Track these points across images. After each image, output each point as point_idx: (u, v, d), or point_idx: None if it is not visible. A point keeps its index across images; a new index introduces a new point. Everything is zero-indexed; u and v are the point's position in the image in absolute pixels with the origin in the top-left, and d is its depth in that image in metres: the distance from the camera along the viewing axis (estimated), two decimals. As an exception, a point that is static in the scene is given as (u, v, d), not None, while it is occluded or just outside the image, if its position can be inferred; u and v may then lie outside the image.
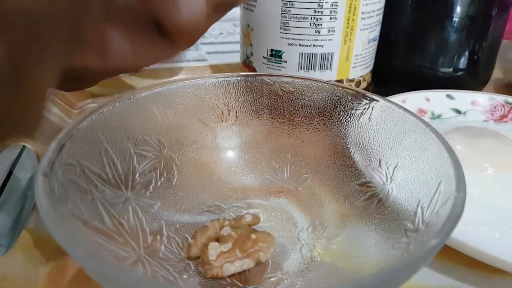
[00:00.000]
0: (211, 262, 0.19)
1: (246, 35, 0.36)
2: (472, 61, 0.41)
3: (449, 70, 0.41)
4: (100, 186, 0.20)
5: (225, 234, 0.21)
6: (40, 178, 0.16)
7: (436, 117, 0.37)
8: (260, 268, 0.20)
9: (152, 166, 0.24)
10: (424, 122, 0.21)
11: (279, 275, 0.20)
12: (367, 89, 0.39)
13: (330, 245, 0.22)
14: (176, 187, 0.25)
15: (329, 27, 0.33)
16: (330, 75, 0.35)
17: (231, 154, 0.27)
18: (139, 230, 0.21)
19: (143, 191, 0.23)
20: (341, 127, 0.25)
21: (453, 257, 0.23)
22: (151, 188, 0.23)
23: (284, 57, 0.34)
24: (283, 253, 0.21)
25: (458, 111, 0.37)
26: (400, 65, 0.42)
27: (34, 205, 0.25)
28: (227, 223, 0.22)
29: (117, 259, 0.17)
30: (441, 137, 0.19)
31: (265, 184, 0.26)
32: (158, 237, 0.21)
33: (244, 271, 0.20)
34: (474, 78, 0.42)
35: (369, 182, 0.23)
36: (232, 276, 0.20)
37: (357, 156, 0.24)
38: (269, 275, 0.20)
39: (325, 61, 0.34)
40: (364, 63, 0.36)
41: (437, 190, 0.18)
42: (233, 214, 0.24)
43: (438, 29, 0.39)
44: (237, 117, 0.27)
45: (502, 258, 0.20)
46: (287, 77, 0.26)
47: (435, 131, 0.20)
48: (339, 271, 0.20)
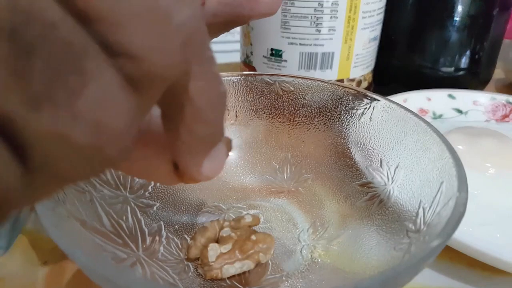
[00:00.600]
0: (211, 264, 0.19)
1: (246, 34, 0.36)
2: (473, 61, 0.41)
3: (450, 69, 0.41)
4: (99, 187, 0.20)
5: (224, 235, 0.21)
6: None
7: (438, 117, 0.37)
8: (260, 269, 0.20)
9: None
10: (425, 121, 0.20)
11: (279, 277, 0.20)
12: (368, 88, 0.38)
13: (331, 246, 0.21)
14: (176, 187, 0.24)
15: (329, 26, 0.32)
16: (331, 74, 0.34)
17: (231, 154, 0.27)
18: (138, 231, 0.21)
19: (141, 191, 0.23)
20: (342, 127, 0.25)
21: (453, 257, 0.22)
22: (150, 188, 0.23)
23: (284, 56, 0.34)
24: (284, 254, 0.21)
25: (459, 111, 0.37)
26: (401, 65, 0.42)
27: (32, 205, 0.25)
28: (227, 224, 0.22)
29: (116, 260, 0.17)
30: (442, 137, 0.19)
31: (265, 185, 0.26)
32: (157, 238, 0.21)
33: (244, 273, 0.20)
34: (475, 78, 0.42)
35: (370, 183, 0.23)
36: (232, 277, 0.20)
37: (358, 156, 0.24)
38: (269, 277, 0.20)
39: (326, 60, 0.34)
40: (365, 62, 0.36)
41: (438, 190, 0.17)
42: (233, 215, 0.24)
43: (439, 28, 0.39)
44: (237, 117, 0.27)
45: (502, 259, 0.20)
46: (287, 76, 0.26)
47: (436, 131, 0.20)
48: (340, 272, 0.20)
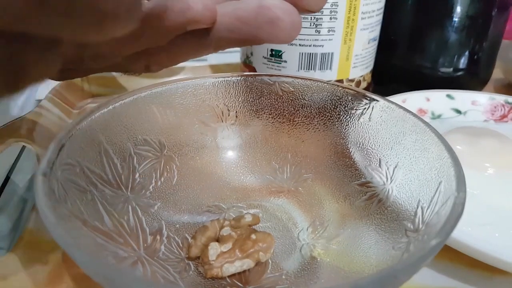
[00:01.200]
0: (211, 262, 0.19)
1: (246, 35, 0.36)
2: (472, 61, 0.41)
3: (449, 70, 0.41)
4: (100, 186, 0.20)
5: (225, 234, 0.21)
6: (39, 178, 0.16)
7: (436, 117, 0.37)
8: (260, 268, 0.20)
9: (152, 166, 0.24)
10: (424, 122, 0.21)
11: (279, 275, 0.20)
12: (367, 89, 0.38)
13: (330, 245, 0.22)
14: (176, 187, 0.25)
15: (329, 27, 0.33)
16: (330, 75, 0.35)
17: (231, 154, 0.27)
18: (139, 230, 0.21)
19: (143, 191, 0.23)
20: (341, 127, 0.25)
21: (453, 257, 0.23)
22: (151, 188, 0.23)
23: (284, 57, 0.34)
24: (283, 253, 0.21)
25: (458, 111, 0.37)
26: (400, 65, 0.42)
27: (34, 205, 0.25)
28: (227, 223, 0.22)
29: (117, 260, 0.17)
30: (441, 137, 0.19)
31: (265, 184, 0.26)
32: (158, 237, 0.21)
33: (244, 271, 0.20)
34: (474, 78, 0.42)
35: (369, 182, 0.23)
36: (232, 276, 0.20)
37: (357, 156, 0.24)
38: (269, 275, 0.20)
39: (325, 61, 0.34)
40: (364, 63, 0.36)
41: (437, 190, 0.18)
42: (233, 214, 0.24)
43: (438, 29, 0.39)
44: (237, 117, 0.27)
45: (502, 258, 0.20)
46: (287, 77, 0.26)
47: (435, 131, 0.20)
48: (339, 271, 0.20)
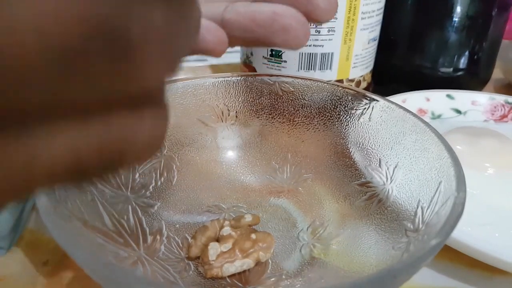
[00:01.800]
0: (211, 262, 0.19)
1: (246, 35, 0.36)
2: (472, 61, 0.41)
3: (449, 70, 0.41)
4: (100, 186, 0.20)
5: (225, 234, 0.21)
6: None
7: (436, 117, 0.37)
8: (260, 268, 0.20)
9: (152, 166, 0.24)
10: (424, 122, 0.21)
11: (279, 275, 0.20)
12: (367, 89, 0.38)
13: (330, 245, 0.22)
14: (176, 187, 0.25)
15: (329, 27, 0.33)
16: (330, 75, 0.35)
17: (231, 154, 0.27)
18: (139, 230, 0.21)
19: (143, 191, 0.23)
20: (341, 127, 0.25)
21: (453, 257, 0.23)
22: (151, 188, 0.23)
23: (284, 57, 0.34)
24: (283, 253, 0.21)
25: (458, 111, 0.37)
26: (400, 65, 0.42)
27: (34, 205, 0.25)
28: (227, 223, 0.22)
29: (117, 259, 0.17)
30: (441, 137, 0.19)
31: (265, 184, 0.26)
32: (158, 237, 0.21)
33: (244, 271, 0.20)
34: (474, 78, 0.42)
35: (369, 182, 0.23)
36: (232, 276, 0.20)
37: (357, 156, 0.24)
38: (268, 275, 0.20)
39: (325, 61, 0.34)
40: (364, 63, 0.36)
41: (437, 190, 0.18)
42: (233, 214, 0.24)
43: (438, 29, 0.39)
44: (237, 117, 0.27)
45: (502, 258, 0.20)
46: (287, 77, 0.26)
47: (435, 131, 0.20)
48: (339, 271, 0.20)
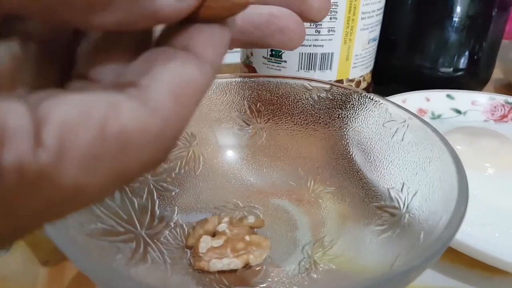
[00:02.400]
0: (200, 255, 0.20)
1: (246, 35, 0.36)
2: (472, 61, 0.41)
3: (449, 70, 0.41)
4: None
5: (220, 230, 0.21)
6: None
7: (436, 117, 0.37)
8: (255, 271, 0.20)
9: (179, 155, 0.24)
10: (450, 148, 0.19)
11: (270, 282, 0.20)
12: (367, 89, 0.38)
13: (331, 264, 0.21)
14: (199, 178, 0.25)
15: (329, 27, 0.32)
16: (330, 75, 0.35)
17: (258, 156, 0.27)
18: (149, 210, 0.22)
19: (164, 176, 0.23)
20: (374, 143, 0.24)
21: (453, 257, 0.23)
22: (173, 174, 0.24)
23: (284, 57, 0.34)
24: (283, 254, 0.21)
25: (458, 111, 0.37)
26: (400, 65, 0.42)
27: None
28: (226, 219, 0.22)
29: (109, 234, 0.18)
30: (460, 167, 0.18)
31: (286, 190, 0.26)
32: (166, 222, 0.22)
33: (235, 271, 0.20)
34: (474, 78, 0.42)
35: (387, 206, 0.22)
36: (222, 273, 0.20)
37: (383, 176, 0.23)
38: (259, 280, 0.20)
39: (325, 61, 0.34)
40: (364, 63, 0.36)
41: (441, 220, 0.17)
42: (246, 213, 0.24)
43: (438, 29, 0.39)
44: (269, 119, 0.27)
45: (502, 258, 0.20)
46: (325, 83, 0.26)
47: (456, 160, 0.18)
48: (341, 274, 0.20)
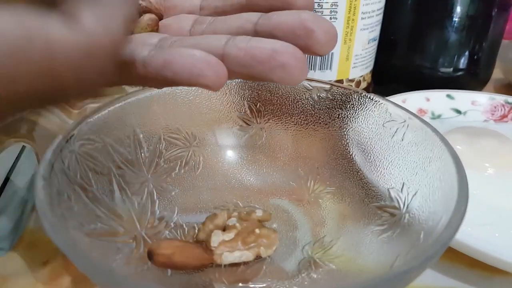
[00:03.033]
0: (212, 249, 0.20)
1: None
2: (472, 61, 0.41)
3: (449, 70, 0.41)
4: (121, 164, 0.21)
5: (230, 224, 0.21)
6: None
7: (436, 117, 0.37)
8: (259, 268, 0.21)
9: (179, 155, 0.25)
10: (450, 149, 0.19)
11: (270, 281, 0.20)
12: (367, 89, 0.38)
13: (331, 265, 0.21)
14: (199, 178, 0.25)
15: (329, 27, 0.32)
16: (330, 75, 0.35)
17: (258, 156, 0.27)
18: (148, 211, 0.22)
19: (164, 176, 0.24)
20: (374, 143, 0.24)
21: (453, 257, 0.22)
22: (173, 174, 0.24)
23: (284, 57, 0.34)
24: (284, 254, 0.21)
25: (458, 111, 0.37)
26: (400, 65, 0.42)
27: (34, 205, 0.25)
28: (235, 214, 0.22)
29: (111, 233, 0.18)
30: (461, 168, 0.18)
31: (286, 190, 0.26)
32: (166, 221, 0.22)
33: (236, 271, 0.20)
34: (474, 78, 0.42)
35: (387, 206, 0.22)
36: (221, 272, 0.20)
37: (383, 175, 0.23)
38: (259, 280, 0.20)
39: (325, 61, 0.34)
40: (364, 63, 0.36)
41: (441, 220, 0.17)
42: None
43: (438, 29, 0.39)
44: (269, 119, 0.27)
45: (502, 258, 0.20)
46: (325, 83, 0.26)
47: (456, 161, 0.18)
48: (341, 274, 0.20)
